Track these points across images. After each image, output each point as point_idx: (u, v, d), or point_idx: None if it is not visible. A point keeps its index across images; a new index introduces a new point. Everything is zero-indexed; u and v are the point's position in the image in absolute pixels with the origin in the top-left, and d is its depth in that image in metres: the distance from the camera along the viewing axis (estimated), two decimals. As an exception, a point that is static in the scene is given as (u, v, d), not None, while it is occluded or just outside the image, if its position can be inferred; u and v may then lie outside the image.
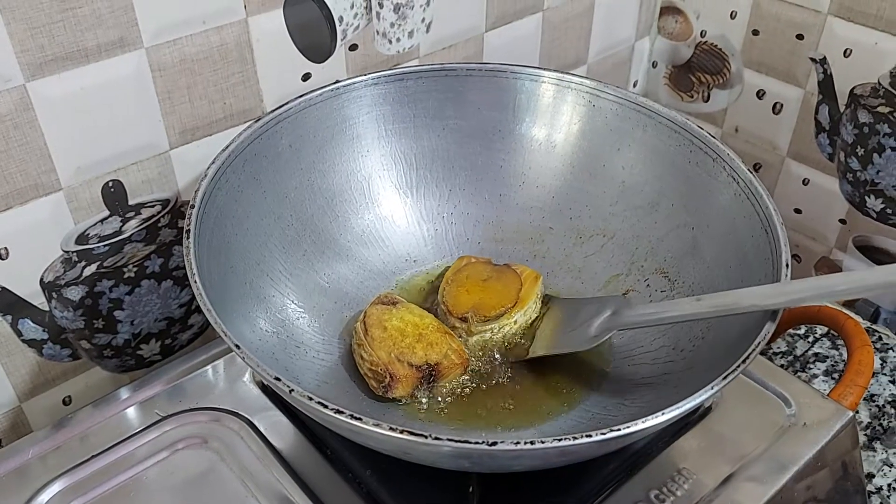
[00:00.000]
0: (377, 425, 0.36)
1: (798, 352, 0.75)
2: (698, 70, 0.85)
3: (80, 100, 0.49)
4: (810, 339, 0.76)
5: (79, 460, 0.50)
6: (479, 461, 0.40)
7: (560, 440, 0.36)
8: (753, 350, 0.40)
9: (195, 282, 0.42)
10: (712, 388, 0.39)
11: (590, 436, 0.36)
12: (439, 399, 0.51)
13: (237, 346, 0.39)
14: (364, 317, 0.52)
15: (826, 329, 0.77)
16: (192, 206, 0.47)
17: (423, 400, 0.50)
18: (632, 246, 0.58)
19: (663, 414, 0.37)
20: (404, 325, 0.51)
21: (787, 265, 0.45)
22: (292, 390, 0.37)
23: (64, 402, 0.59)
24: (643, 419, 0.37)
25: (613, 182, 0.59)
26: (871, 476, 0.63)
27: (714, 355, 0.48)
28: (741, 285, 0.49)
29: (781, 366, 0.69)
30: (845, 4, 0.70)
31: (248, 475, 0.48)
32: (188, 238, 0.44)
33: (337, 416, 0.36)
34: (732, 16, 0.79)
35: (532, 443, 0.36)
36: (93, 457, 0.50)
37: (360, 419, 0.36)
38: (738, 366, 0.40)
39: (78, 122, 0.50)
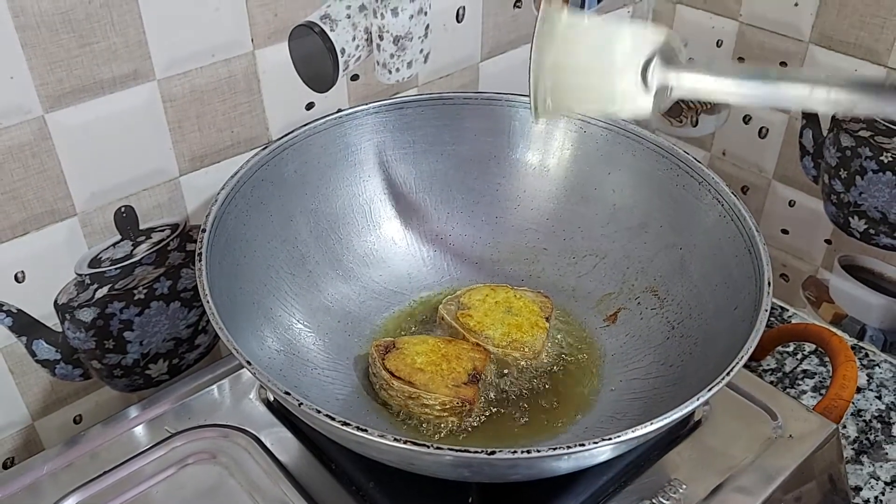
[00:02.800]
0: (382, 436, 0.37)
1: (787, 368, 0.76)
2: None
3: (96, 129, 0.51)
4: (798, 356, 0.77)
5: (90, 477, 0.51)
6: (479, 470, 0.41)
7: (555, 449, 0.38)
8: (737, 363, 0.42)
9: (208, 302, 0.43)
10: (699, 399, 0.40)
11: (583, 444, 0.38)
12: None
13: (248, 363, 0.41)
14: (385, 373, 0.51)
15: (814, 346, 0.77)
16: (204, 230, 0.48)
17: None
18: (623, 266, 0.60)
19: (652, 424, 0.39)
20: (428, 356, 0.52)
21: (769, 283, 0.47)
22: (301, 404, 0.39)
23: (74, 421, 0.59)
24: (633, 429, 0.39)
25: (605, 204, 0.61)
26: (858, 489, 0.64)
27: (701, 369, 0.49)
28: (727, 303, 0.51)
29: (771, 382, 0.70)
30: (826, 33, 0.72)
31: (255, 489, 0.49)
32: (200, 261, 0.46)
33: (343, 428, 0.38)
34: (718, 44, 0.81)
35: (528, 451, 0.37)
36: (104, 473, 0.51)
37: (365, 430, 0.38)
38: (723, 377, 0.41)
39: (93, 150, 0.51)
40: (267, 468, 0.51)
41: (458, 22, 0.67)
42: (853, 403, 0.69)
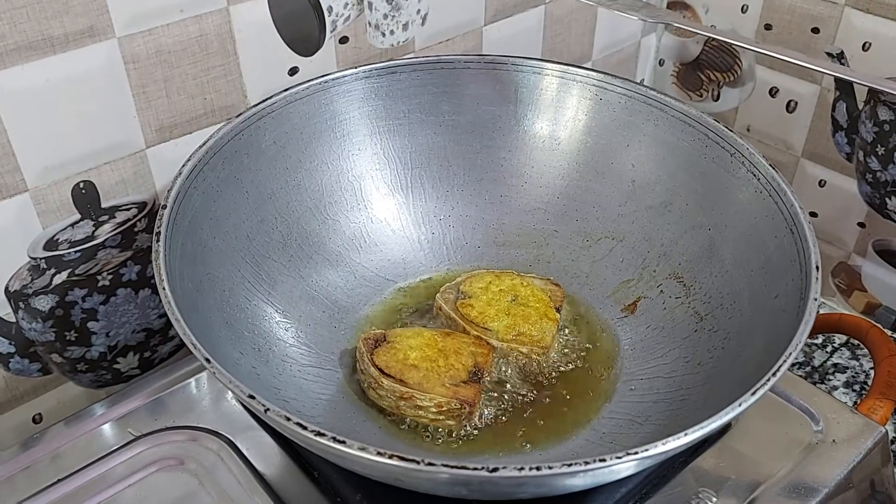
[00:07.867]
0: (363, 449, 0.32)
1: (816, 362, 0.73)
2: (707, 67, 0.84)
3: (47, 93, 0.47)
4: (828, 349, 0.74)
5: (47, 483, 0.47)
6: (479, 488, 0.36)
7: (569, 465, 0.32)
8: (786, 359, 0.38)
9: (163, 288, 0.40)
10: (740, 406, 0.36)
11: (603, 459, 0.33)
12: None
13: (207, 360, 0.36)
14: (374, 370, 0.48)
15: (845, 338, 0.75)
16: (164, 207, 0.44)
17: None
18: (643, 249, 0.56)
19: (686, 435, 0.34)
20: (423, 350, 0.48)
21: (817, 267, 0.43)
22: (268, 410, 0.34)
23: (34, 420, 0.56)
24: (663, 441, 0.34)
25: (622, 181, 0.57)
26: (900, 495, 0.60)
27: (735, 367, 0.45)
28: (765, 291, 0.47)
29: (799, 377, 0.67)
30: (863, -6, 0.69)
31: (227, 500, 0.46)
32: (158, 241, 0.42)
33: (318, 439, 0.33)
34: (743, 9, 0.77)
35: (538, 468, 0.32)
36: (62, 479, 0.47)
37: (343, 442, 0.33)
38: (769, 379, 0.37)
39: (44, 117, 0.48)
40: (241, 477, 0.47)
41: (460, -20, 0.64)
42: (891, 401, 0.65)
